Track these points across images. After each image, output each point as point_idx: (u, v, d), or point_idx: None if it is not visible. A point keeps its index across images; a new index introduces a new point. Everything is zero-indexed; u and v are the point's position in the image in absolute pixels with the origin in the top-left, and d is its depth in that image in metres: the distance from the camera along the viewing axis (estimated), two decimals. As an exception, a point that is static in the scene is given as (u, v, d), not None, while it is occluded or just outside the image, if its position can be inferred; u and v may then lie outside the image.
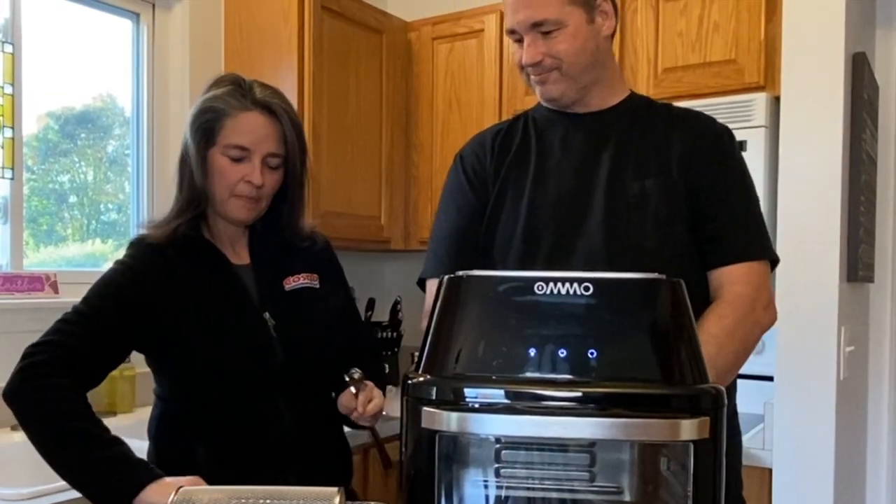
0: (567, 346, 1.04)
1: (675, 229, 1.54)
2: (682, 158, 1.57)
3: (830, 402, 2.28)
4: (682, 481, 1.04)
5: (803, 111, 2.34)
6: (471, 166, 1.71)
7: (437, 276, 1.62)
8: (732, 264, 1.54)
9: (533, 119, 1.72)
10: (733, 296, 1.51)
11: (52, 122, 2.78)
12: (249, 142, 1.59)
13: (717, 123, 1.64)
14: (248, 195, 1.61)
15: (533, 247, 1.59)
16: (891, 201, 2.94)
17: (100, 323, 1.56)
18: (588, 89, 1.62)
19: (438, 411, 1.03)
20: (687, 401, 1.02)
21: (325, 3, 2.98)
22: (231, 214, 1.64)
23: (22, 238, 2.60)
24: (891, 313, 2.95)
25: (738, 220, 1.57)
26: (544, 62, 1.57)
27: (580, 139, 1.64)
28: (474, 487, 1.15)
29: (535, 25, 1.55)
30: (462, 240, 1.67)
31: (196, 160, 1.60)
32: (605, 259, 1.52)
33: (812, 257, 2.29)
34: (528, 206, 1.61)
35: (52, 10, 2.72)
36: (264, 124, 1.60)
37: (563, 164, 1.63)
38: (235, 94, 1.60)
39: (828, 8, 2.31)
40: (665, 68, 2.80)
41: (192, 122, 1.61)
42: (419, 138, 3.44)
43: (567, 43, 1.55)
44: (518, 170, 1.66)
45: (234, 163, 1.60)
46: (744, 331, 1.49)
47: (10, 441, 2.27)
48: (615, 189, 1.57)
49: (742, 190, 1.59)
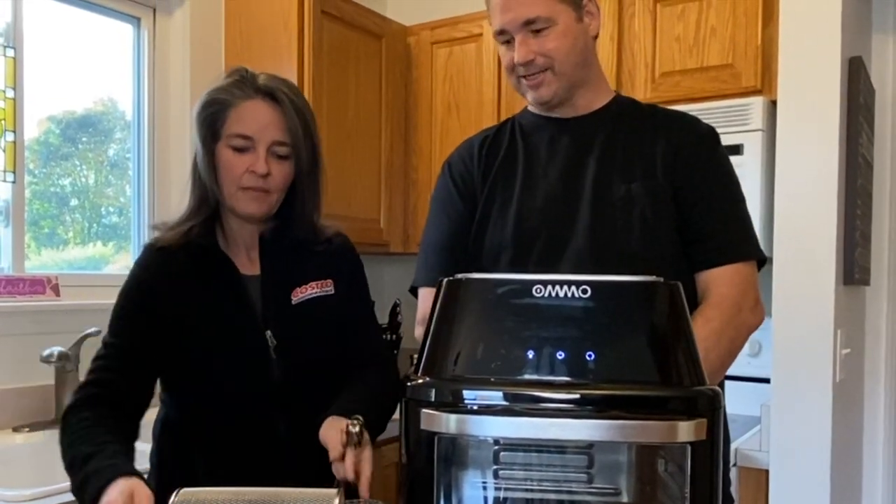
0: (565, 348, 1.05)
1: (661, 231, 1.54)
2: (667, 160, 1.57)
3: (826, 404, 2.28)
4: (680, 482, 1.04)
5: (800, 115, 2.34)
6: (458, 174, 1.71)
7: (429, 284, 1.63)
8: (718, 266, 1.54)
9: (519, 125, 1.72)
10: (719, 298, 1.51)
11: (53, 126, 2.78)
12: (252, 130, 1.54)
13: (702, 124, 1.64)
14: (254, 186, 1.55)
15: (522, 252, 1.58)
16: (887, 204, 2.94)
17: (124, 352, 1.56)
18: (576, 89, 1.62)
19: (437, 413, 1.03)
20: (684, 402, 1.02)
21: (325, 7, 2.99)
22: (241, 209, 1.57)
23: (24, 241, 2.60)
24: (887, 316, 2.95)
25: (722, 221, 1.56)
26: (536, 61, 1.57)
27: (566, 143, 1.64)
28: (473, 489, 1.15)
29: (526, 24, 1.55)
30: (452, 247, 1.67)
31: (203, 157, 1.56)
32: (593, 262, 1.52)
33: (808, 260, 2.29)
34: (517, 212, 1.61)
35: (53, 14, 2.72)
36: (268, 112, 1.55)
37: (550, 169, 1.63)
38: (238, 83, 1.56)
39: (824, 13, 2.31)
40: (662, 72, 2.81)
41: (197, 116, 1.56)
42: (418, 142, 3.44)
43: (558, 41, 1.56)
44: (506, 176, 1.66)
45: (239, 153, 1.54)
46: (730, 333, 1.49)
47: (13, 443, 2.28)
48: (602, 193, 1.57)
49: (726, 191, 1.59)
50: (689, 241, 1.56)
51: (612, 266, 1.41)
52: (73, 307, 2.53)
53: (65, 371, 2.42)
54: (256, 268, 1.64)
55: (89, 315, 2.41)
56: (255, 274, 1.64)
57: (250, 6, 3.05)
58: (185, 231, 1.59)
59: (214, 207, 1.62)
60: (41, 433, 2.33)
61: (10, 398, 2.39)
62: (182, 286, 1.58)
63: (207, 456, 1.58)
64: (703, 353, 1.36)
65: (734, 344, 1.50)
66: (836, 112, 2.31)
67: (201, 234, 1.60)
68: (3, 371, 2.40)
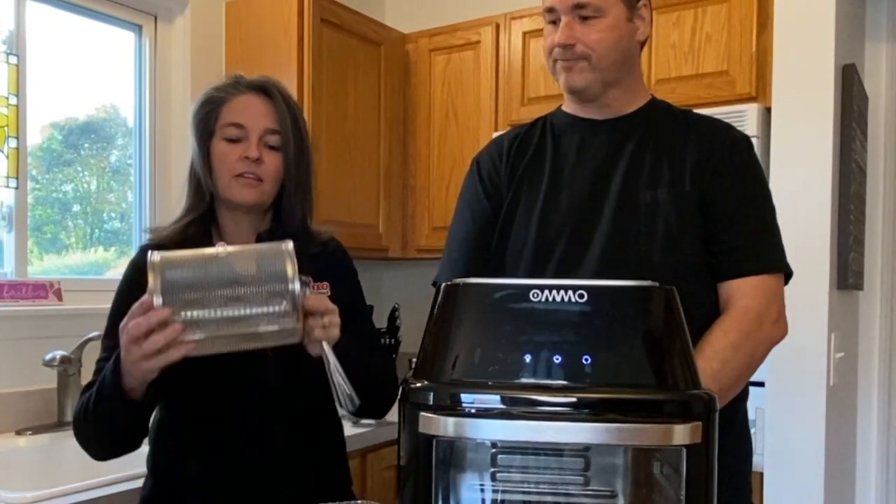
0: (562, 352, 1.05)
1: (684, 240, 1.51)
2: (697, 168, 1.53)
3: (820, 406, 2.30)
4: (675, 485, 1.05)
5: (794, 121, 2.36)
6: (486, 171, 1.69)
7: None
8: (742, 277, 1.49)
9: (551, 124, 1.68)
10: (741, 310, 1.47)
11: (56, 133, 2.79)
12: (245, 119, 1.60)
13: (735, 131, 1.60)
14: (247, 172, 1.59)
15: (544, 255, 1.56)
16: (880, 210, 2.95)
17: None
18: (610, 87, 1.58)
19: (436, 416, 1.03)
20: (679, 406, 1.02)
21: (325, 15, 3.00)
22: (235, 197, 1.60)
23: (27, 246, 2.60)
24: (880, 320, 2.96)
25: (750, 231, 1.52)
26: (576, 48, 1.53)
27: (596, 146, 1.61)
28: (471, 491, 1.16)
29: (576, 7, 1.52)
30: (476, 245, 1.65)
31: (199, 154, 1.61)
32: (612, 268, 1.48)
33: (803, 265, 2.23)
34: (541, 214, 1.58)
35: (55, 22, 2.73)
36: (259, 103, 1.62)
37: (578, 172, 1.60)
38: (232, 83, 1.63)
39: (818, 20, 2.34)
40: (658, 79, 2.82)
41: (194, 116, 1.62)
42: (416, 148, 3.46)
43: (603, 33, 1.52)
44: (532, 176, 1.63)
45: (233, 144, 1.59)
46: (749, 347, 1.44)
47: (16, 445, 2.28)
48: (627, 199, 1.54)
49: (757, 201, 1.55)
50: (714, 251, 1.52)
51: (630, 272, 1.34)
52: (75, 311, 2.54)
53: (67, 375, 2.43)
54: None
55: (91, 319, 2.42)
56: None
57: (250, 14, 3.06)
58: (182, 228, 1.61)
59: (210, 204, 1.65)
60: (44, 436, 2.34)
61: (13, 401, 2.39)
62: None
63: (202, 460, 1.58)
64: (719, 366, 1.37)
65: (753, 358, 1.46)
66: (829, 119, 2.33)
67: (197, 235, 1.62)
68: (7, 375, 2.41)
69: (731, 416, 1.49)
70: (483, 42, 3.27)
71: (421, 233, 3.45)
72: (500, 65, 3.24)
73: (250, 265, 1.35)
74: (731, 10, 2.70)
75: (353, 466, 1.88)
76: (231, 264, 1.34)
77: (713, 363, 1.35)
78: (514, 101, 3.19)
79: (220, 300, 1.32)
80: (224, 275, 1.33)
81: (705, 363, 1.34)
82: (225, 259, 1.35)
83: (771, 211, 1.57)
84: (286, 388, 1.59)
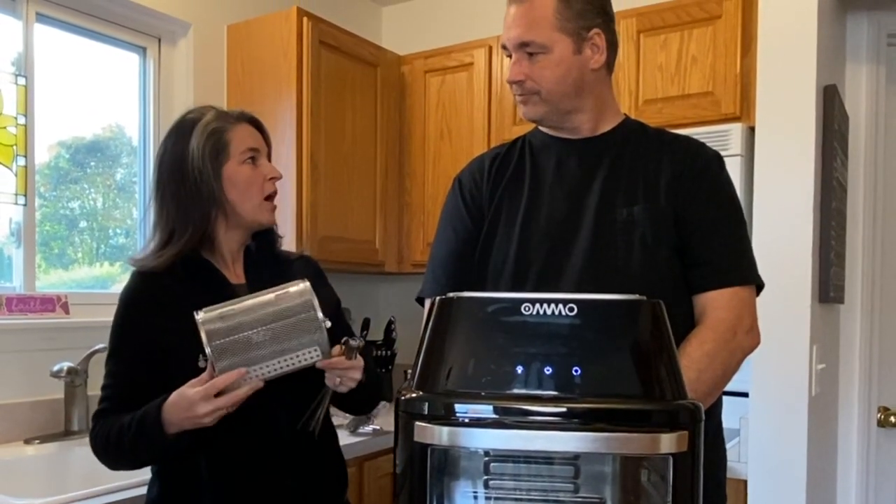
0: (552, 363, 1.07)
1: (660, 254, 1.53)
2: (670, 185, 1.56)
3: (803, 416, 2.31)
4: (662, 492, 1.08)
5: (777, 141, 2.38)
6: (468, 190, 1.71)
7: (435, 295, 1.64)
8: (715, 289, 1.52)
9: (529, 143, 1.71)
10: (715, 321, 1.50)
11: (63, 151, 2.81)
12: (256, 143, 1.72)
13: (707, 149, 1.63)
14: (273, 192, 1.73)
15: (523, 271, 1.58)
16: (860, 226, 2.95)
17: (126, 377, 1.64)
18: (572, 115, 1.61)
19: (430, 426, 1.06)
20: (666, 416, 1.05)
21: (323, 38, 3.04)
22: (265, 219, 1.72)
23: (35, 261, 2.63)
24: (860, 332, 2.96)
25: (722, 245, 1.55)
26: (526, 84, 1.57)
27: (573, 165, 1.63)
28: (464, 498, 1.18)
29: (522, 45, 1.56)
30: (458, 262, 1.67)
31: (212, 179, 1.65)
32: (591, 283, 1.50)
33: (786, 280, 2.31)
34: (521, 231, 1.60)
35: (62, 44, 2.75)
36: (254, 131, 1.74)
37: (556, 189, 1.62)
38: (218, 116, 1.71)
39: (800, 43, 2.35)
40: (645, 100, 2.86)
41: (201, 148, 1.65)
42: (412, 166, 3.49)
43: (549, 70, 1.55)
44: (512, 195, 1.65)
45: (254, 166, 1.70)
46: (724, 356, 1.47)
47: (24, 454, 2.31)
48: (604, 215, 1.56)
49: (727, 216, 1.58)
50: (689, 264, 1.55)
51: (610, 287, 1.33)
52: (81, 324, 2.57)
53: (73, 385, 2.46)
54: (241, 278, 1.73)
55: (97, 332, 2.41)
56: (241, 283, 1.72)
57: (251, 37, 3.09)
58: (173, 255, 1.65)
59: (203, 228, 1.69)
60: (51, 445, 2.37)
61: (21, 411, 2.42)
62: (171, 304, 1.63)
63: (212, 460, 1.62)
64: (696, 375, 1.39)
65: (728, 367, 1.49)
66: (811, 138, 2.35)
67: (186, 253, 1.67)
68: (15, 385, 2.44)
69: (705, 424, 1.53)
70: (476, 64, 3.32)
71: (416, 248, 3.49)
72: (492, 86, 3.28)
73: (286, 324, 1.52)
74: (717, 32, 2.74)
75: (351, 475, 1.87)
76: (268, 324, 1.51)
77: (689, 372, 1.36)
78: (506, 120, 3.23)
79: (264, 357, 1.51)
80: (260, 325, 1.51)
81: (682, 373, 1.38)
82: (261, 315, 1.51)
83: (742, 225, 1.59)
84: (286, 391, 1.63)
